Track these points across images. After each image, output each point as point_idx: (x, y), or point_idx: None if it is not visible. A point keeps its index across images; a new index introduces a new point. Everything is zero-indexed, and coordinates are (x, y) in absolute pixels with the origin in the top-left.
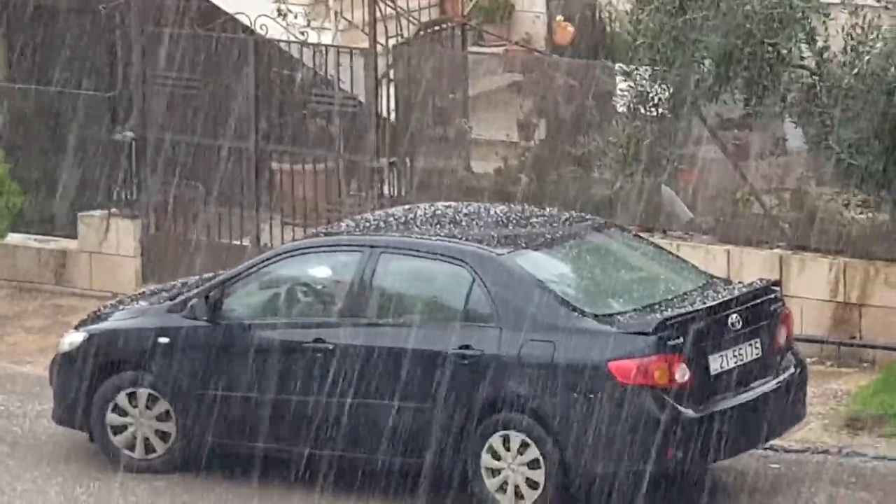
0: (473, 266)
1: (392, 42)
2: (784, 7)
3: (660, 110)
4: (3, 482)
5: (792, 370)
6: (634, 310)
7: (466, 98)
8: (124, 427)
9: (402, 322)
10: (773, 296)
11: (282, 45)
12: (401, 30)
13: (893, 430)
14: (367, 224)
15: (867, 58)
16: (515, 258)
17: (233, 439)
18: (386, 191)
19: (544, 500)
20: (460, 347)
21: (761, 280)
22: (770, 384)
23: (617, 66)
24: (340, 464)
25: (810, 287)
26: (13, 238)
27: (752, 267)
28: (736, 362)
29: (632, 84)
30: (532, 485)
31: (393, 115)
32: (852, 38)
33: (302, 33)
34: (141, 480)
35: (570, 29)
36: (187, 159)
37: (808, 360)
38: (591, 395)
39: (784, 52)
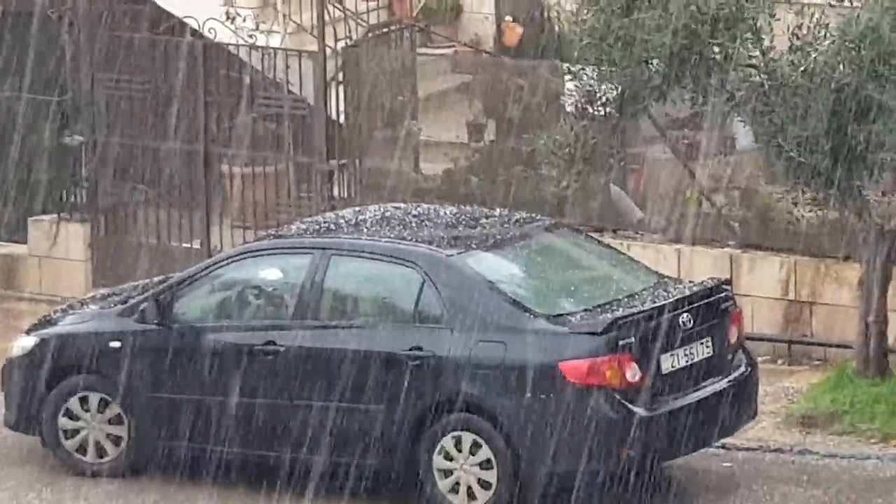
0: (424, 267)
1: (341, 44)
2: (730, 7)
3: (608, 110)
4: None
5: (743, 368)
6: (585, 310)
7: (416, 99)
8: (76, 431)
9: (354, 324)
10: (723, 295)
11: (230, 48)
12: (349, 32)
13: (845, 428)
14: (318, 226)
15: (815, 56)
16: (466, 259)
17: (185, 442)
18: (336, 193)
19: (496, 501)
20: (411, 349)
21: (712, 279)
22: (721, 383)
23: (565, 66)
24: (294, 466)
25: (761, 285)
26: None
27: (702, 266)
28: (687, 361)
29: (579, 84)
30: (484, 485)
31: (342, 118)
32: (798, 38)
33: (250, 36)
34: (93, 484)
35: (519, 30)
36: (137, 163)
37: (760, 358)
38: (543, 396)
39: (731, 51)
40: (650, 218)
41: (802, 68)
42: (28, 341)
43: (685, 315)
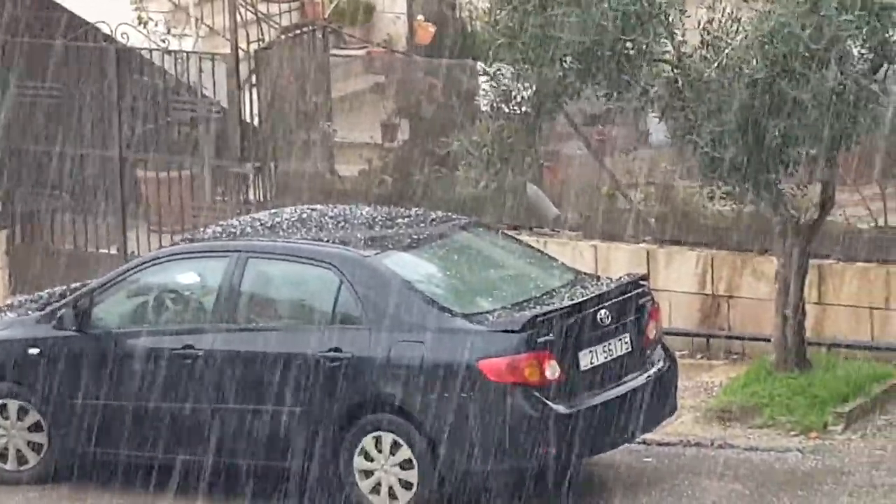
0: (341, 268)
1: (253, 47)
2: (642, 3)
3: (523, 108)
4: None
5: (662, 364)
6: (503, 308)
7: (329, 101)
8: None
9: (272, 326)
10: (640, 290)
11: (143, 52)
12: (262, 34)
13: (765, 421)
14: (234, 229)
15: (727, 51)
16: (383, 259)
17: (106, 448)
18: (251, 195)
19: (418, 501)
20: (330, 350)
21: (629, 275)
22: (640, 378)
23: (479, 65)
24: (216, 470)
25: (678, 280)
26: None
27: (619, 262)
28: (606, 357)
29: (494, 83)
30: (405, 485)
31: (256, 120)
32: (710, 33)
33: (163, 40)
34: (14, 492)
35: (431, 29)
36: (53, 169)
37: (678, 353)
38: (463, 394)
39: (644, 47)
40: (566, 215)
41: (715, 63)
42: None
43: (603, 311)
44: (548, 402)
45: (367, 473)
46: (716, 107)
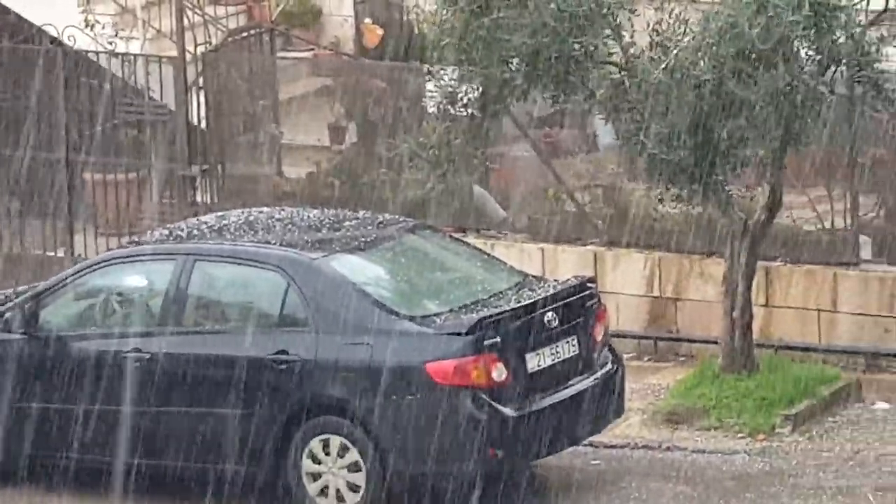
0: (288, 271)
1: (200, 49)
2: (589, 4)
3: (469, 110)
4: None
5: (609, 366)
6: (450, 310)
7: (277, 103)
8: None
9: (219, 329)
10: (588, 292)
11: (90, 55)
12: (209, 37)
13: (712, 423)
14: (181, 232)
15: (675, 52)
16: (330, 262)
17: (53, 452)
18: (199, 198)
19: (365, 503)
20: (277, 353)
21: (576, 277)
22: (588, 381)
23: (425, 67)
24: (163, 473)
25: (625, 282)
26: None
27: (566, 264)
28: (553, 360)
29: (440, 85)
30: (353, 488)
31: (204, 123)
32: (658, 34)
33: (110, 43)
34: None
35: (379, 31)
36: None
37: (626, 355)
38: (410, 397)
39: (591, 49)
40: (513, 217)
41: (663, 65)
42: None
43: (550, 314)
44: (495, 404)
45: (315, 476)
46: (663, 108)
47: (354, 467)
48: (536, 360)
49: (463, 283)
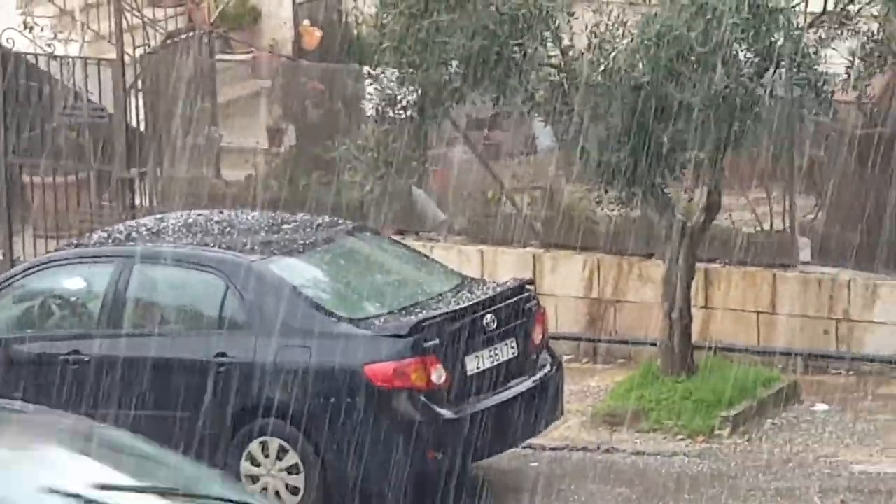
0: (227, 273)
1: (139, 52)
2: (528, 7)
3: (408, 112)
4: None
5: (548, 368)
6: (390, 313)
7: (215, 106)
8: None
9: (158, 332)
10: (527, 295)
11: (29, 57)
12: (148, 39)
13: (651, 425)
14: (120, 234)
15: (614, 55)
16: (268, 264)
17: None
18: (137, 201)
19: None
20: (216, 355)
21: (515, 279)
22: (527, 383)
23: (364, 69)
24: None
25: (564, 284)
26: None
27: (505, 266)
28: (492, 362)
29: (379, 87)
30: (292, 490)
31: (143, 125)
32: (597, 37)
33: (49, 45)
34: None
35: (317, 34)
36: None
37: (565, 357)
38: (349, 399)
39: (530, 51)
40: (452, 219)
41: (602, 67)
42: None
43: (489, 316)
44: (434, 406)
45: (254, 479)
46: (602, 111)
47: (293, 470)
48: (475, 363)
49: (402, 286)
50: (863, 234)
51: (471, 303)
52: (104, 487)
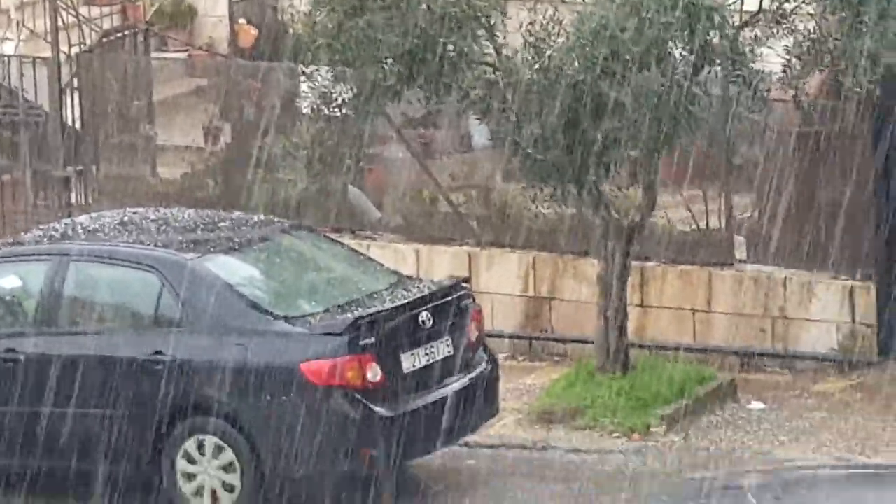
0: (162, 271)
1: (75, 50)
2: (461, 5)
3: (343, 110)
4: None
5: (484, 366)
6: (326, 311)
7: (151, 104)
8: None
9: (94, 330)
10: (462, 293)
11: None
12: (83, 38)
13: (587, 423)
14: (55, 233)
15: (549, 53)
16: (204, 263)
17: None
18: (73, 199)
19: None
20: (152, 353)
21: (451, 278)
22: (462, 381)
23: (300, 67)
24: (39, 475)
25: (500, 282)
26: None
27: (441, 265)
28: (428, 360)
29: (314, 85)
30: (228, 488)
31: (79, 124)
32: (532, 35)
33: None
34: None
35: (253, 32)
36: None
37: (501, 355)
38: (285, 397)
39: (464, 49)
40: (388, 218)
41: (537, 66)
42: None
43: (425, 314)
44: (370, 405)
45: (190, 477)
46: (537, 109)
47: (230, 468)
48: (411, 361)
49: (338, 284)
50: (799, 232)
51: (406, 301)
52: None
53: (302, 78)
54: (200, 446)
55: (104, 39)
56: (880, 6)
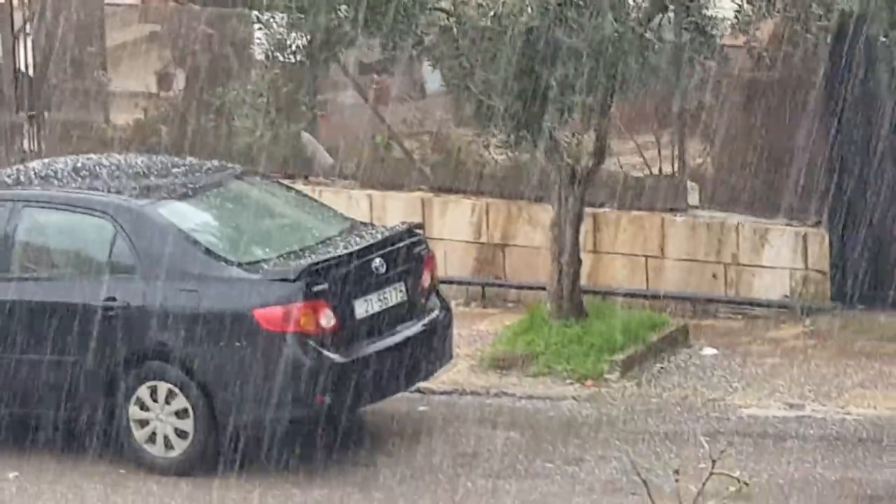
0: (116, 218)
1: None
2: None
3: (298, 57)
4: None
5: (437, 312)
6: (279, 257)
7: (104, 50)
8: None
9: (47, 276)
10: (416, 239)
11: None
12: None
13: (540, 369)
14: (8, 179)
15: (503, 0)
16: (157, 208)
17: None
18: (26, 145)
19: (194, 449)
20: (106, 300)
21: (404, 223)
22: (416, 327)
23: (254, 14)
24: None
25: (453, 229)
26: None
27: (394, 211)
28: (381, 306)
29: (269, 32)
30: (181, 434)
31: (32, 70)
32: None
33: None
34: None
35: None
36: None
37: (454, 301)
38: (238, 343)
39: None
40: (341, 164)
41: (491, 12)
42: None
43: (378, 260)
44: (323, 350)
45: (143, 423)
46: (491, 55)
47: (183, 413)
48: (364, 307)
49: (291, 230)
50: (751, 178)
51: (360, 247)
52: None
53: (256, 25)
54: (153, 392)
55: None
56: None
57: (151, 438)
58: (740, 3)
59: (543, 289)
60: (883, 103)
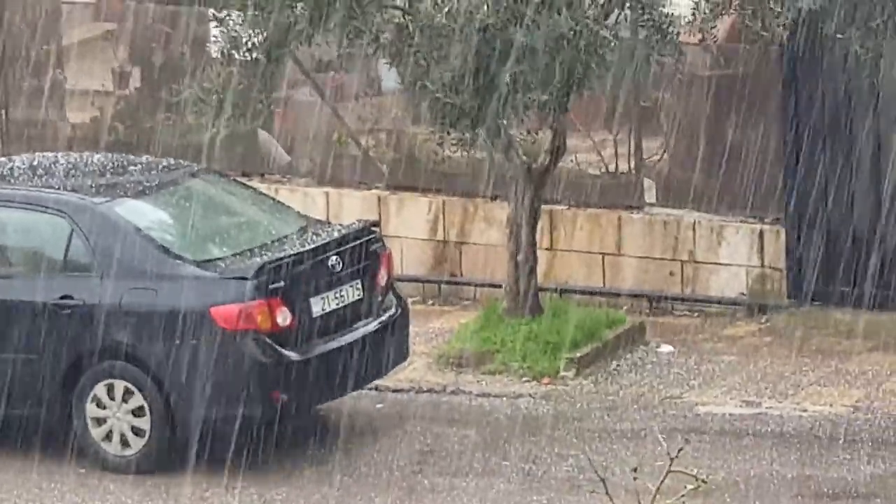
0: (71, 216)
1: None
2: None
3: (254, 55)
4: None
5: (394, 310)
6: (235, 255)
7: (61, 48)
8: None
9: (4, 274)
10: (372, 236)
11: None
12: None
13: (497, 367)
14: None
15: None
16: (113, 207)
17: None
18: None
19: (150, 448)
20: (61, 298)
21: (360, 221)
22: (372, 325)
23: (210, 11)
24: None
25: (410, 226)
26: None
27: (351, 208)
28: (338, 304)
29: (225, 29)
30: (138, 432)
31: None
32: None
33: None
34: None
35: None
36: None
37: (410, 299)
38: (194, 342)
39: None
40: (297, 162)
41: (446, 9)
42: None
43: (334, 258)
44: (279, 348)
45: (100, 421)
46: (446, 53)
47: (139, 412)
48: (321, 305)
49: (247, 228)
50: (708, 175)
51: (316, 245)
52: None
53: (213, 22)
54: (110, 391)
55: None
56: None
57: (108, 437)
58: (697, 1)
59: (500, 286)
60: (840, 101)
